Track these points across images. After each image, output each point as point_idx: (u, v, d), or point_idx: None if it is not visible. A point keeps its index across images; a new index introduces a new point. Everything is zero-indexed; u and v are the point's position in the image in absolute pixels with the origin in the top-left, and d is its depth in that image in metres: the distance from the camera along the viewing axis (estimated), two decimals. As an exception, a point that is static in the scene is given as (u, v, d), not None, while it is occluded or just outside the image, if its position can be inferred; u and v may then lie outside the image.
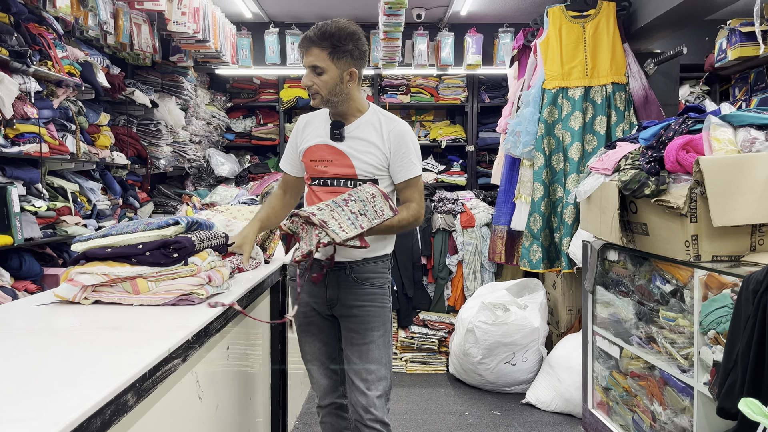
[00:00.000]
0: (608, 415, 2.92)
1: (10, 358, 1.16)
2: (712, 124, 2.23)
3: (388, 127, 1.99)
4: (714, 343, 2.09)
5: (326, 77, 1.91)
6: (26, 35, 2.71)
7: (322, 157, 2.01)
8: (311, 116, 2.12)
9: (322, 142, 2.02)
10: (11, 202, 2.53)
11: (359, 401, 1.98)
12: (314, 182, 2.04)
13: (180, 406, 1.48)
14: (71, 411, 0.89)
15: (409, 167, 2.00)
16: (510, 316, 3.54)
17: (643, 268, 2.60)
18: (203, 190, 4.80)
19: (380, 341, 2.00)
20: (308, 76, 1.93)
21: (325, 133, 2.02)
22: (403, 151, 1.98)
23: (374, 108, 2.06)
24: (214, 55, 4.39)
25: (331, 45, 1.88)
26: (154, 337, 1.30)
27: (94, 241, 1.68)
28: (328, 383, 2.14)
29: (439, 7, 4.57)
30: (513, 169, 3.93)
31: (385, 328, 2.02)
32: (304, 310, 2.07)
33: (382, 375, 2.00)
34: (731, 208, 2.10)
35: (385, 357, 2.01)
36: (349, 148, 1.99)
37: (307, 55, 1.91)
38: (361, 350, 1.99)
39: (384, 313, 2.03)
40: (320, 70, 1.91)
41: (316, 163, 2.02)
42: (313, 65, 1.91)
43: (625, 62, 3.58)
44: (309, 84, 1.93)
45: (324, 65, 1.90)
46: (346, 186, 1.98)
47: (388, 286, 2.07)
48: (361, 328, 1.99)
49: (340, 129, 2.00)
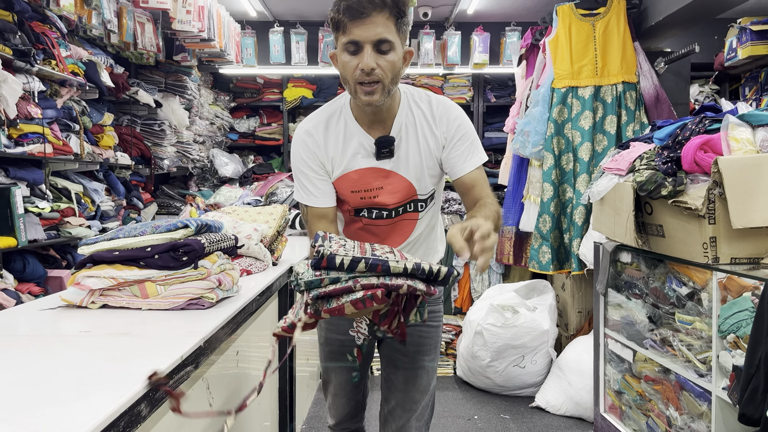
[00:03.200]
0: (621, 420, 2.88)
1: (17, 365, 1.11)
2: (730, 124, 2.19)
3: (432, 109, 1.53)
4: (733, 347, 2.04)
5: (393, 56, 1.39)
6: (30, 34, 2.67)
7: (369, 186, 1.53)
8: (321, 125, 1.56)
9: (364, 166, 1.52)
10: (15, 203, 2.49)
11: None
12: (360, 213, 1.59)
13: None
14: (84, 423, 0.84)
15: (475, 151, 1.51)
16: (519, 318, 3.50)
17: (657, 270, 2.55)
18: (207, 191, 4.76)
19: (429, 367, 1.71)
20: (372, 57, 1.36)
21: (365, 152, 1.52)
22: (461, 132, 1.51)
23: (403, 89, 1.57)
24: (218, 55, 4.35)
25: (398, 12, 1.37)
26: (164, 344, 1.26)
27: (102, 244, 1.64)
28: (348, 411, 1.85)
29: (446, 6, 4.53)
30: (521, 169, 3.89)
31: (436, 351, 1.73)
32: (340, 338, 1.73)
33: (427, 403, 1.72)
34: (751, 210, 2.06)
35: (431, 384, 1.72)
36: (404, 164, 1.53)
37: (369, 25, 1.34)
38: (407, 376, 1.69)
39: (437, 333, 1.73)
40: (388, 46, 1.37)
41: (362, 195, 1.55)
42: (382, 39, 1.35)
43: (635, 61, 3.53)
44: (373, 66, 1.36)
45: (393, 39, 1.37)
46: (406, 212, 1.56)
47: (443, 300, 1.79)
48: (411, 351, 1.67)
49: (390, 146, 1.49)
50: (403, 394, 1.69)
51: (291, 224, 3.71)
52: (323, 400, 2.05)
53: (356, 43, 1.37)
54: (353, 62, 1.39)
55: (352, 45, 1.38)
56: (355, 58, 1.39)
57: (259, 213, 2.61)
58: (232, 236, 1.87)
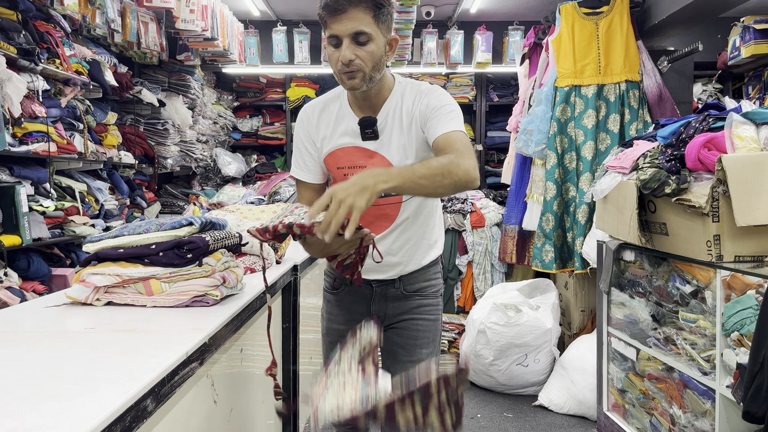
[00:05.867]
0: (624, 418, 2.88)
1: (23, 361, 1.12)
2: (734, 122, 2.19)
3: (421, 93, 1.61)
4: (737, 345, 2.04)
5: (373, 47, 1.49)
6: (34, 33, 2.68)
7: (352, 163, 1.64)
8: (319, 107, 1.70)
9: (350, 144, 1.64)
10: (19, 202, 2.50)
11: None
12: None
13: (196, 411, 1.44)
14: (90, 418, 0.85)
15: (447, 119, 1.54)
16: (522, 317, 3.50)
17: (661, 268, 2.55)
18: (210, 190, 4.77)
19: (428, 359, 1.75)
20: (350, 48, 1.47)
21: (352, 131, 1.63)
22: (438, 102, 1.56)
23: (399, 80, 1.67)
24: (221, 54, 4.36)
25: (374, 5, 1.47)
26: (170, 340, 1.26)
27: (106, 241, 1.65)
28: None
29: (449, 5, 4.53)
30: (524, 168, 3.89)
31: (434, 345, 1.78)
32: (340, 328, 1.79)
33: None
34: (755, 207, 2.06)
35: None
36: (388, 146, 1.62)
37: (344, 20, 1.46)
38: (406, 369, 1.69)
39: (435, 326, 1.78)
40: (365, 38, 1.48)
41: (345, 171, 1.65)
42: (358, 31, 1.47)
43: (638, 60, 3.53)
44: (351, 58, 1.47)
45: (370, 30, 1.48)
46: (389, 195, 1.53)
47: (441, 294, 1.83)
48: (409, 344, 1.74)
49: (372, 127, 1.60)
50: None
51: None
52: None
53: (336, 37, 1.49)
54: (335, 55, 1.51)
55: (333, 39, 1.50)
56: (336, 51, 1.51)
57: (263, 212, 2.61)
58: (236, 234, 1.88)
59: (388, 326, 1.78)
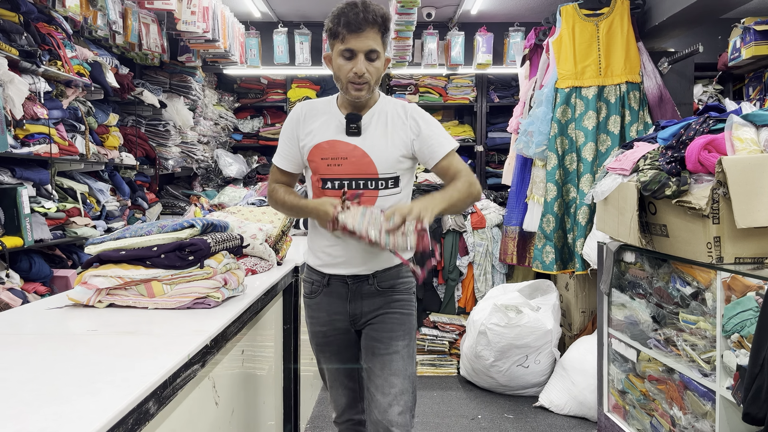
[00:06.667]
0: (624, 419, 2.88)
1: (26, 364, 1.13)
2: (734, 124, 2.19)
3: (406, 110, 1.83)
4: (738, 346, 2.04)
5: (379, 63, 1.73)
6: (36, 35, 2.68)
7: (336, 155, 1.78)
8: (309, 106, 1.87)
9: (334, 138, 1.80)
10: (21, 203, 2.51)
11: (380, 421, 1.79)
12: (326, 185, 1.81)
13: (198, 412, 1.45)
14: (93, 421, 0.85)
15: (442, 141, 1.80)
16: (523, 318, 3.50)
17: (661, 270, 2.55)
18: (211, 191, 4.77)
19: (404, 352, 1.84)
20: (363, 63, 1.69)
21: (337, 127, 1.80)
22: (430, 127, 1.81)
23: (383, 95, 1.90)
24: (223, 55, 4.36)
25: (384, 27, 1.70)
26: (171, 342, 1.27)
27: (108, 243, 1.65)
28: (346, 401, 1.98)
29: (450, 6, 4.54)
30: (524, 169, 3.89)
31: (410, 337, 1.87)
32: (323, 329, 1.91)
33: (405, 388, 1.81)
34: (755, 209, 2.06)
35: (409, 369, 1.84)
36: (369, 142, 1.78)
37: (363, 38, 1.67)
38: (383, 361, 1.82)
39: (409, 321, 1.88)
40: (375, 55, 1.70)
41: (329, 162, 1.79)
42: (371, 49, 1.69)
43: (639, 61, 3.53)
44: (363, 72, 1.69)
45: (379, 49, 1.71)
46: (366, 188, 1.78)
47: (414, 292, 1.93)
48: (385, 337, 1.83)
49: (357, 122, 1.78)
50: (381, 379, 1.81)
51: (295, 224, 3.72)
52: (327, 399, 2.11)
53: (351, 51, 1.69)
54: (347, 66, 1.70)
55: (348, 52, 1.69)
56: (349, 63, 1.70)
57: (264, 213, 2.62)
58: (238, 236, 1.88)
59: (365, 323, 1.87)
